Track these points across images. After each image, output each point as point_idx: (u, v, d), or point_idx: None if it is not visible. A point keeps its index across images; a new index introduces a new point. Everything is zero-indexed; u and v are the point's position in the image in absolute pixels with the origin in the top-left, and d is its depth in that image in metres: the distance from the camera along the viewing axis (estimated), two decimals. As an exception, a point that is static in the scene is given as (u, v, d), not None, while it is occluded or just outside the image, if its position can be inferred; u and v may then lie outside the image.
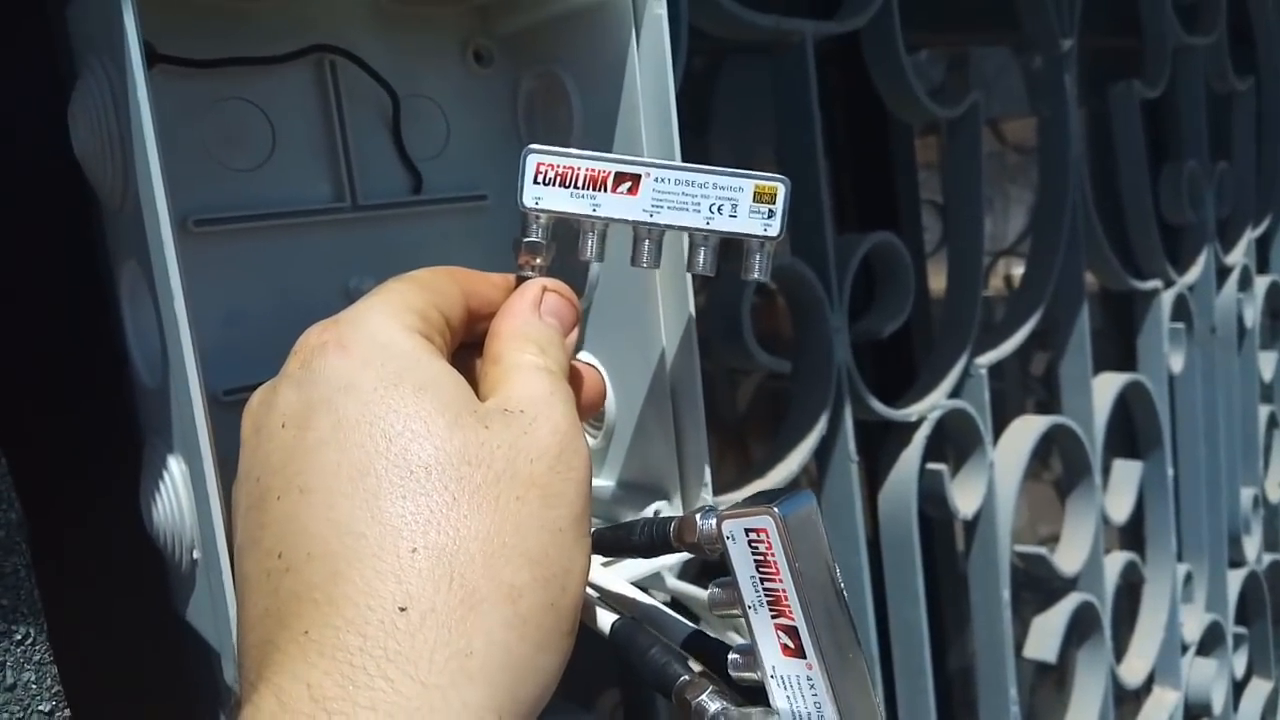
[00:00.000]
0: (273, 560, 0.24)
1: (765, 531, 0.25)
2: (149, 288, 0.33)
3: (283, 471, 0.25)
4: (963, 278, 0.81)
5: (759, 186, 0.30)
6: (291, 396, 0.26)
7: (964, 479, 0.82)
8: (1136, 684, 1.06)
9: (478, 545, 0.24)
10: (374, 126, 0.40)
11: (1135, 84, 1.00)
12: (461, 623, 0.23)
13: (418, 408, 0.25)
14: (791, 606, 0.25)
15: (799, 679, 0.25)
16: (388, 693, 0.22)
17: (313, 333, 0.27)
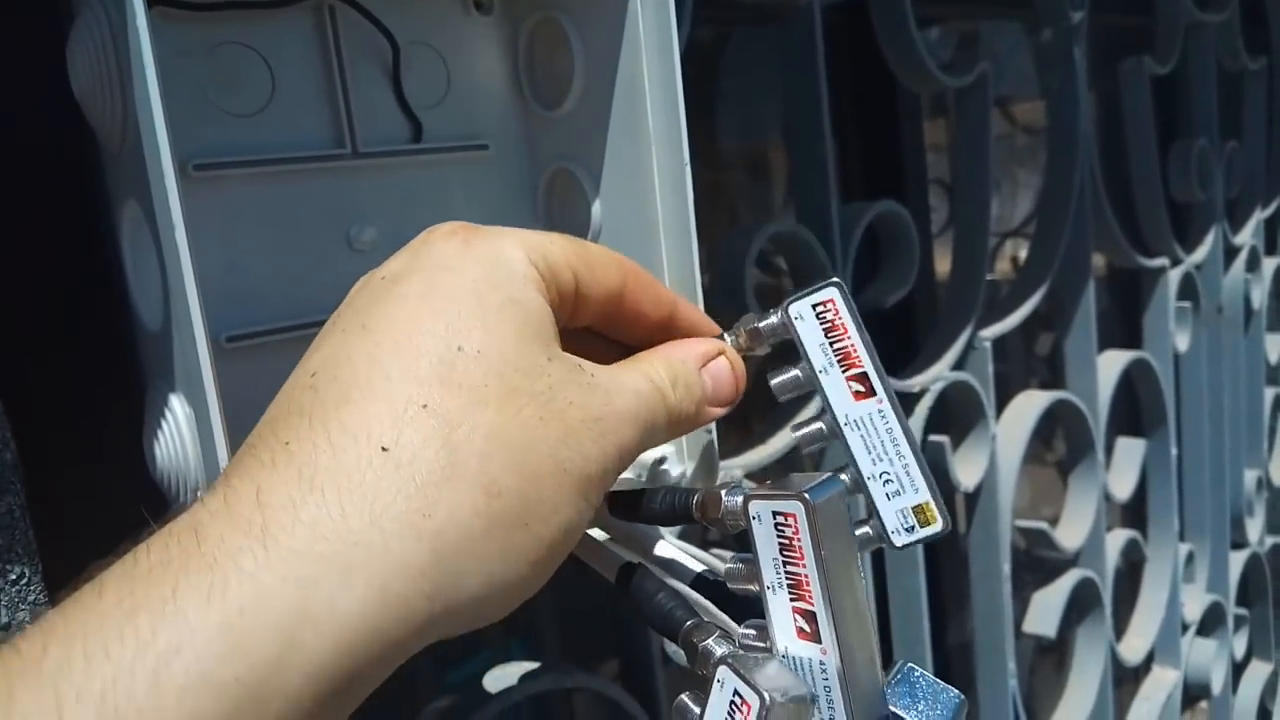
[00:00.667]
0: (305, 377, 0.25)
1: (794, 517, 0.25)
2: (150, 228, 0.33)
3: (358, 310, 0.26)
4: (968, 249, 0.81)
5: (927, 504, 0.29)
6: (402, 260, 0.27)
7: (966, 451, 0.81)
8: (1136, 662, 1.07)
9: (481, 433, 0.24)
10: (374, 74, 0.40)
11: (1146, 60, 1.00)
12: (433, 486, 0.23)
13: (500, 311, 0.26)
14: (813, 592, 0.25)
15: (812, 663, 0.25)
16: (335, 520, 0.22)
17: (445, 225, 0.28)
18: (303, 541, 0.22)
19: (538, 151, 0.43)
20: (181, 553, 0.21)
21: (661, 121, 0.37)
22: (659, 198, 0.38)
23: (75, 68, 0.34)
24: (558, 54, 0.41)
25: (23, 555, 0.35)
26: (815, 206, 0.67)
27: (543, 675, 0.54)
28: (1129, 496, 1.04)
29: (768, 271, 0.98)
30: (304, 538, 0.22)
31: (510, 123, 0.43)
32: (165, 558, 0.21)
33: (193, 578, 0.21)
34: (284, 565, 0.21)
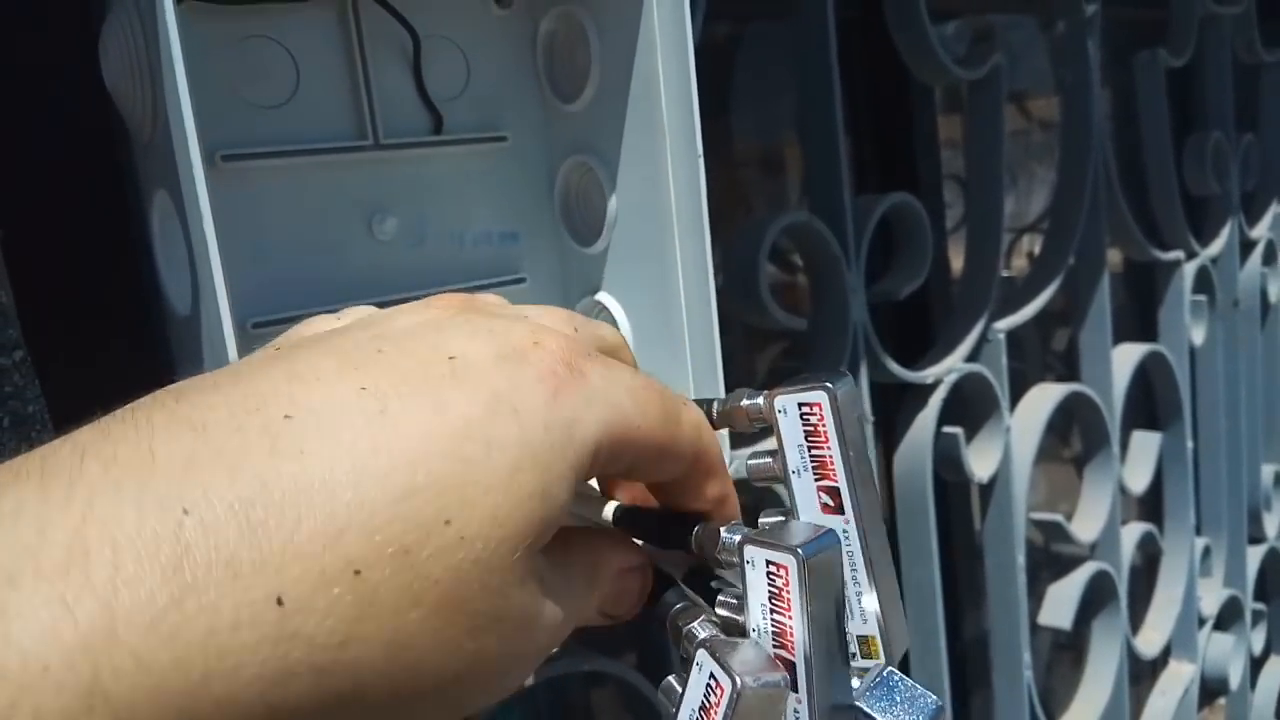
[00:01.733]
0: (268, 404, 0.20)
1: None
2: (179, 216, 0.34)
3: (355, 366, 0.21)
4: (982, 240, 0.81)
5: (871, 640, 0.28)
6: (483, 351, 0.22)
7: (980, 443, 0.82)
8: (1152, 655, 1.06)
9: (393, 637, 0.20)
10: (395, 66, 0.41)
11: (1161, 52, 1.00)
12: (299, 677, 0.19)
13: (515, 508, 0.21)
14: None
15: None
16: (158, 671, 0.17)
17: (557, 350, 0.23)
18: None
19: (555, 144, 0.44)
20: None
21: (676, 115, 0.38)
22: (673, 190, 0.39)
23: (107, 61, 0.35)
24: (576, 48, 0.42)
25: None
26: (829, 199, 0.68)
27: (562, 657, 0.54)
28: (1144, 490, 1.04)
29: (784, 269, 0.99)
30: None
31: (529, 115, 0.44)
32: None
33: None
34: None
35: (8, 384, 0.35)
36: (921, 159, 0.93)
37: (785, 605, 0.25)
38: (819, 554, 0.25)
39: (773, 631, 0.25)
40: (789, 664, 0.25)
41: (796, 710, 0.25)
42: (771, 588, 0.25)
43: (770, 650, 0.25)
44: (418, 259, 0.42)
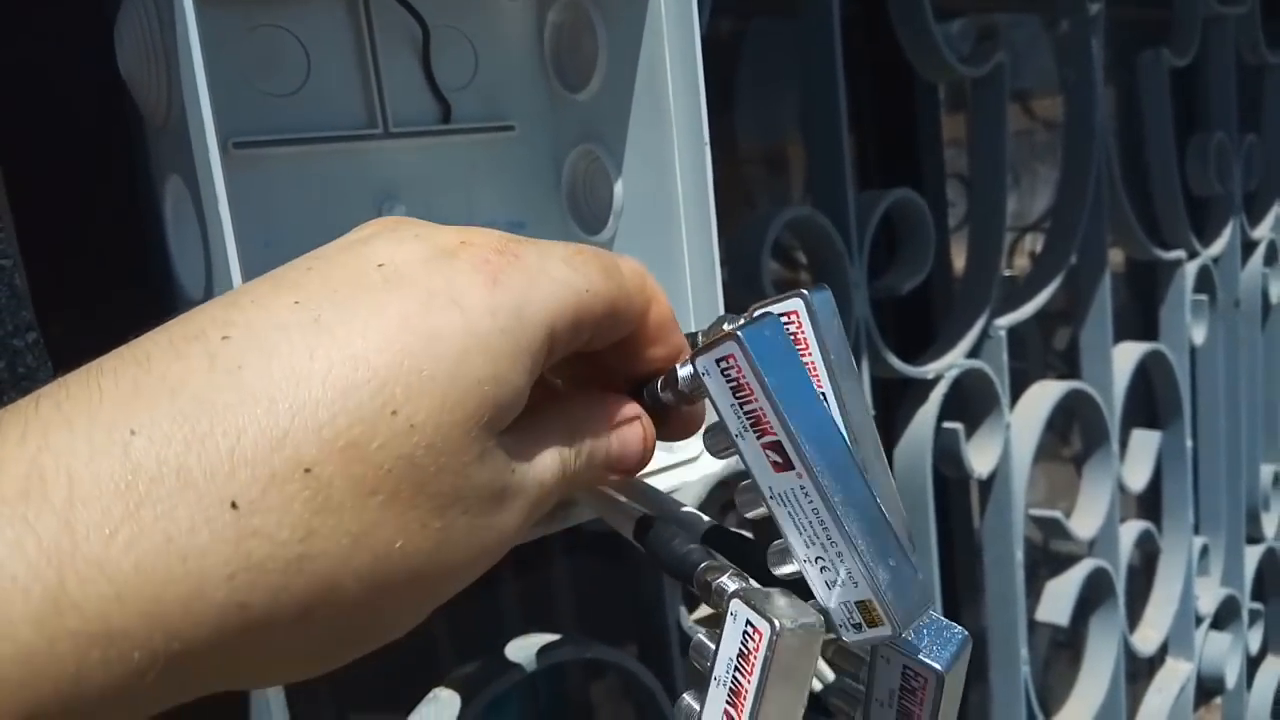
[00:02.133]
0: (216, 332, 0.21)
1: (733, 357, 0.24)
2: (193, 202, 0.35)
3: (331, 290, 0.22)
4: (984, 237, 0.82)
5: (869, 604, 0.25)
6: (416, 257, 0.23)
7: (980, 439, 0.82)
8: (1149, 653, 1.07)
9: (355, 526, 0.20)
10: (405, 56, 0.41)
11: (1164, 52, 1.00)
12: (269, 574, 0.19)
13: (474, 387, 0.22)
14: (772, 423, 0.24)
15: (793, 491, 0.25)
16: (129, 576, 0.18)
17: (490, 239, 0.24)
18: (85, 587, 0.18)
19: (562, 132, 0.45)
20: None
21: (683, 103, 0.38)
22: (679, 178, 0.39)
23: (122, 48, 0.36)
24: (582, 37, 0.42)
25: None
26: (832, 194, 0.68)
27: (563, 646, 0.55)
28: (1143, 488, 1.04)
29: (786, 265, 0.99)
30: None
31: (536, 104, 0.44)
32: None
33: None
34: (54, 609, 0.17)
35: (21, 365, 0.36)
36: (924, 156, 0.94)
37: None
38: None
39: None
40: (775, 445, 0.24)
41: (801, 484, 0.24)
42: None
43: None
44: (425, 247, 0.42)
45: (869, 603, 0.24)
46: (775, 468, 0.25)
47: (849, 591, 0.25)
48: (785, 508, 0.25)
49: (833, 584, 0.25)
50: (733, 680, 0.25)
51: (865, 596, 0.25)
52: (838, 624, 0.25)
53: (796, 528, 0.25)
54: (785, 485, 0.25)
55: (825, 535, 0.25)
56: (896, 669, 0.26)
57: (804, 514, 0.25)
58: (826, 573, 0.25)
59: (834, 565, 0.25)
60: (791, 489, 0.25)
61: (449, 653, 0.67)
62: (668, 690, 0.62)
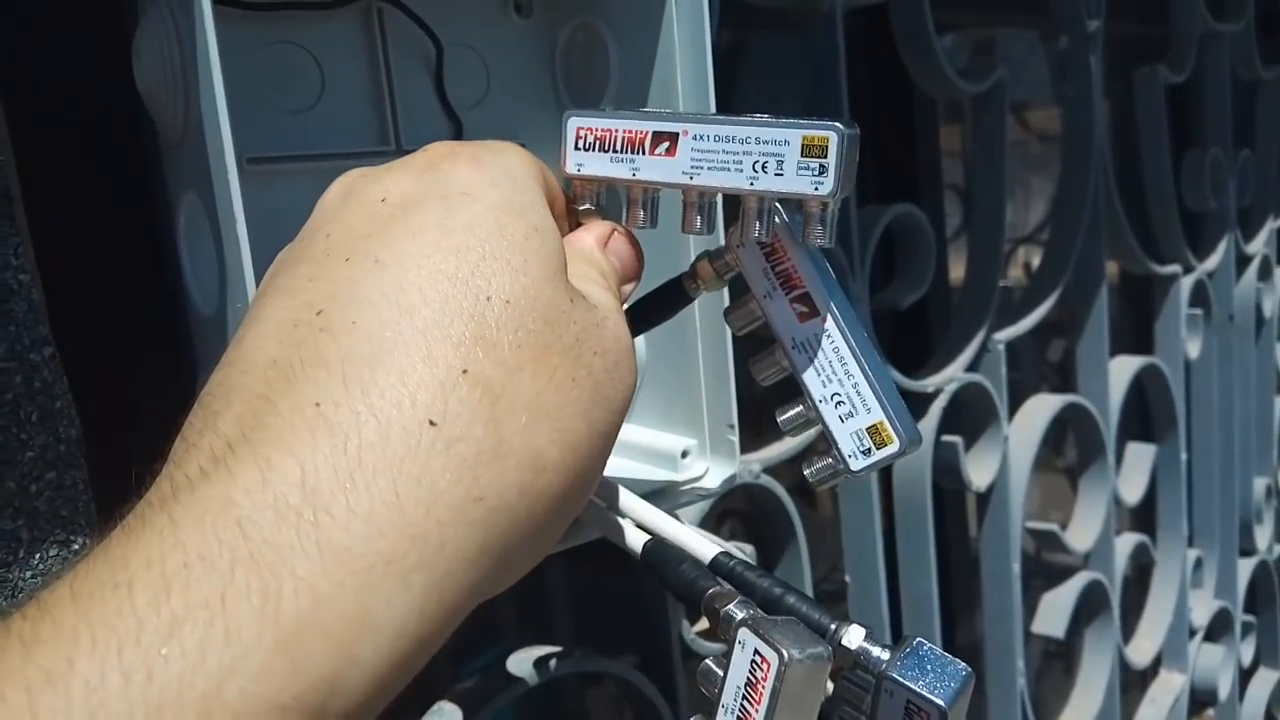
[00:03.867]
0: (308, 313, 0.22)
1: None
2: (208, 218, 0.35)
3: (364, 238, 0.23)
4: (983, 252, 0.82)
5: (807, 138, 0.27)
6: (405, 181, 0.25)
7: (978, 452, 0.83)
8: (1143, 664, 1.08)
9: (523, 403, 0.22)
10: (418, 73, 0.42)
11: (1160, 69, 1.01)
12: (483, 466, 0.21)
13: (525, 244, 0.24)
14: (804, 277, 0.29)
15: (815, 336, 0.29)
16: (391, 509, 0.20)
17: (442, 145, 0.26)
18: (358, 538, 0.19)
19: (572, 150, 0.45)
20: (222, 548, 0.19)
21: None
22: (690, 196, 0.39)
23: (140, 64, 0.36)
24: (594, 57, 0.43)
25: (85, 527, 0.37)
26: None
27: (565, 658, 0.55)
28: (1139, 501, 1.05)
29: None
30: (359, 533, 0.19)
31: (547, 123, 0.45)
32: (204, 551, 0.18)
33: (239, 582, 0.18)
34: (340, 567, 0.19)
35: (37, 380, 0.36)
36: (923, 170, 0.94)
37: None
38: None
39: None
40: (803, 296, 0.28)
41: (825, 327, 0.28)
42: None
43: (786, 300, 0.28)
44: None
45: (879, 425, 0.28)
46: (801, 318, 0.29)
47: (862, 419, 0.29)
48: (806, 353, 0.29)
49: (847, 416, 0.29)
50: (740, 708, 0.26)
51: (877, 419, 0.29)
52: (847, 454, 0.29)
53: (815, 369, 0.29)
54: (808, 332, 0.29)
55: (844, 370, 0.29)
56: (900, 702, 0.26)
57: (824, 354, 0.29)
58: (841, 406, 0.29)
59: (849, 398, 0.29)
60: (814, 334, 0.29)
61: (451, 666, 0.67)
62: (669, 702, 0.63)
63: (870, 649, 0.27)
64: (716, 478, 0.42)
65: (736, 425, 0.41)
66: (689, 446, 0.42)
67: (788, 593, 0.29)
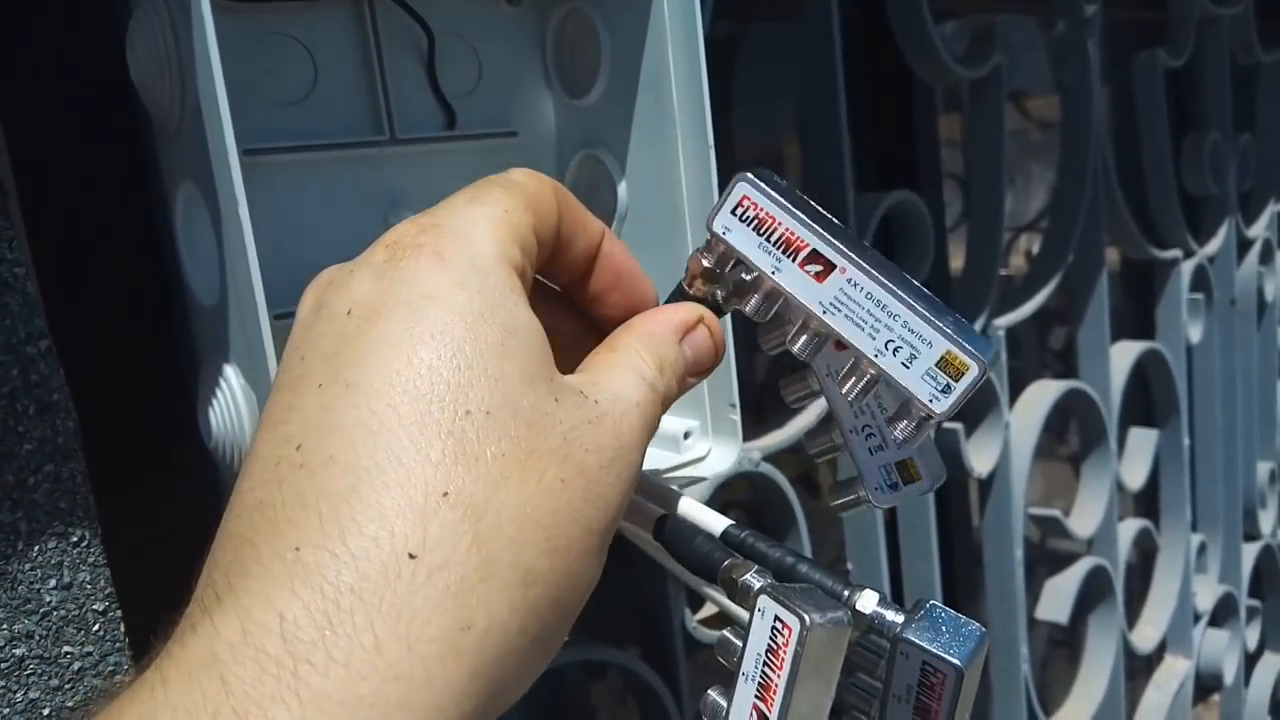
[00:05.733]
0: (288, 448, 0.22)
1: (746, 198, 0.27)
2: (207, 207, 0.35)
3: (334, 359, 0.23)
4: (983, 238, 0.82)
5: (950, 354, 0.26)
6: (368, 286, 0.24)
7: (979, 439, 0.83)
8: (1148, 650, 1.08)
9: (510, 513, 0.22)
10: (410, 64, 0.42)
11: (1159, 53, 1.01)
12: (469, 591, 0.21)
13: (501, 348, 0.23)
14: (801, 235, 0.27)
15: (841, 291, 0.27)
16: (369, 651, 0.20)
17: (408, 230, 0.24)
18: (338, 684, 0.19)
19: (565, 139, 0.45)
20: (206, 700, 0.19)
21: (686, 108, 0.39)
22: (683, 181, 0.40)
23: (135, 56, 0.36)
24: (585, 44, 0.43)
25: (83, 519, 0.37)
26: (831, 196, 0.69)
27: (568, 647, 0.55)
28: (1141, 486, 1.05)
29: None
30: (339, 679, 0.19)
31: (539, 111, 0.45)
32: (191, 708, 0.19)
33: None
34: (320, 715, 0.19)
35: (34, 372, 0.36)
36: (922, 158, 0.94)
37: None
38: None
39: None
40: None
41: (848, 278, 0.26)
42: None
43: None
44: (432, 252, 0.43)
45: (949, 354, 0.26)
46: (818, 278, 0.27)
47: (926, 357, 0.26)
48: (840, 312, 0.27)
49: (910, 360, 0.26)
50: (762, 675, 0.25)
51: (943, 349, 0.26)
52: (927, 400, 0.26)
53: (857, 324, 0.27)
54: (832, 291, 0.27)
55: (886, 313, 0.26)
56: (915, 664, 0.26)
57: (859, 306, 0.27)
58: (900, 352, 0.26)
59: (904, 339, 0.26)
60: (839, 290, 0.27)
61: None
62: (672, 691, 0.63)
63: (884, 613, 0.27)
64: (719, 459, 0.42)
65: (738, 404, 0.41)
66: (691, 428, 0.42)
67: (800, 561, 0.28)
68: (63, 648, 0.37)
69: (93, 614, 0.38)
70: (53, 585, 0.36)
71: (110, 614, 0.38)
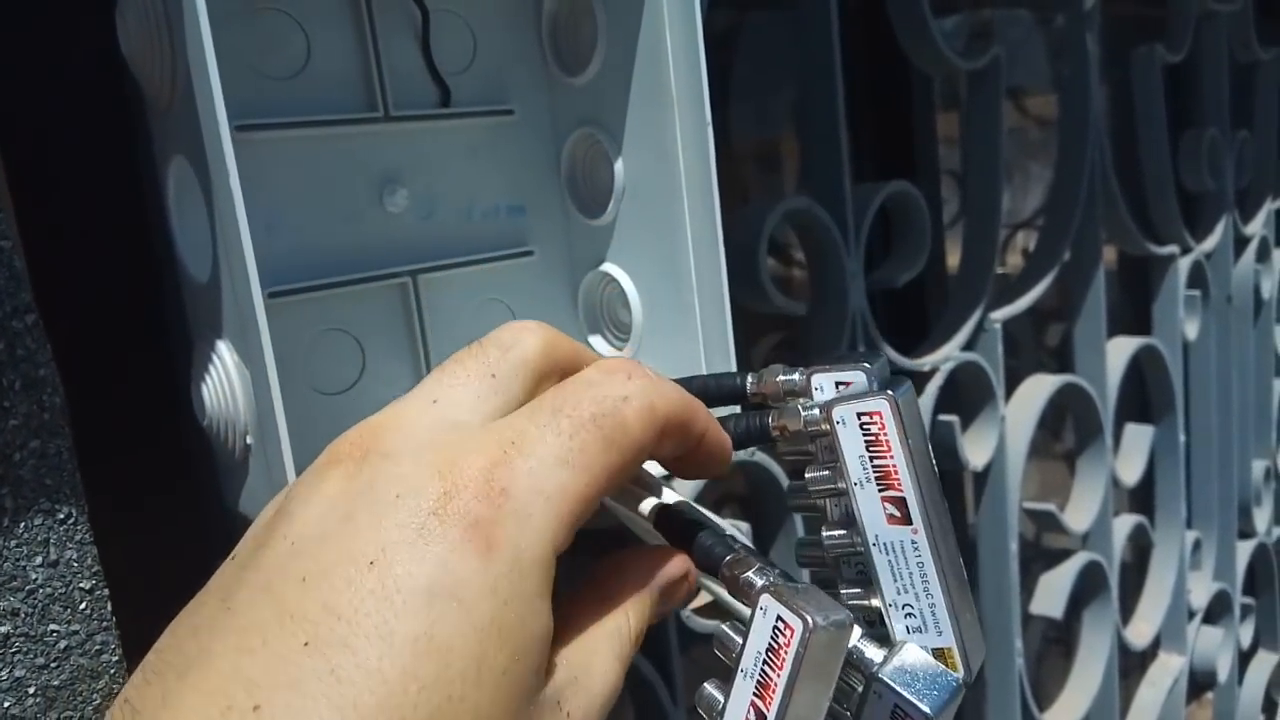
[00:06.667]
0: (247, 702, 0.20)
1: (879, 414, 0.27)
2: (199, 182, 0.34)
3: (329, 612, 0.21)
4: (980, 230, 0.82)
5: (949, 651, 0.27)
6: (399, 543, 0.22)
7: (975, 432, 0.82)
8: (1142, 646, 1.07)
9: None
10: (404, 40, 0.41)
11: (1157, 48, 1.01)
12: None
13: (498, 680, 0.22)
14: (901, 479, 0.27)
15: (903, 544, 0.27)
16: None
17: (475, 474, 0.22)
18: None
19: (561, 116, 0.45)
20: None
21: (684, 84, 0.38)
22: (681, 159, 0.39)
23: (125, 27, 0.36)
24: (581, 21, 0.42)
25: (70, 496, 0.36)
26: (829, 186, 0.68)
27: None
28: (1137, 482, 1.05)
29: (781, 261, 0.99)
30: None
31: (535, 88, 0.44)
32: None
33: None
34: None
35: (20, 348, 0.36)
36: (919, 150, 0.94)
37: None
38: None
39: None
40: (899, 500, 0.27)
41: (914, 539, 0.27)
42: (868, 436, 0.27)
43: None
44: (428, 231, 0.42)
45: (948, 650, 0.28)
46: (890, 520, 0.28)
47: (930, 638, 0.28)
48: (888, 556, 0.28)
49: (915, 629, 0.28)
50: (760, 673, 0.25)
51: (947, 644, 0.28)
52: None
53: (893, 575, 0.28)
54: (895, 537, 0.28)
55: (924, 587, 0.28)
56: (887, 706, 0.26)
57: (906, 565, 0.28)
58: (911, 619, 0.28)
59: (922, 614, 0.28)
60: (900, 541, 0.28)
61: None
62: (665, 681, 0.62)
63: (864, 648, 0.27)
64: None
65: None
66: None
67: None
68: (49, 626, 0.36)
69: (79, 592, 0.37)
70: (39, 563, 0.36)
71: (97, 592, 0.38)
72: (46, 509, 0.36)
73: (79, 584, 0.37)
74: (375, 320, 0.41)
